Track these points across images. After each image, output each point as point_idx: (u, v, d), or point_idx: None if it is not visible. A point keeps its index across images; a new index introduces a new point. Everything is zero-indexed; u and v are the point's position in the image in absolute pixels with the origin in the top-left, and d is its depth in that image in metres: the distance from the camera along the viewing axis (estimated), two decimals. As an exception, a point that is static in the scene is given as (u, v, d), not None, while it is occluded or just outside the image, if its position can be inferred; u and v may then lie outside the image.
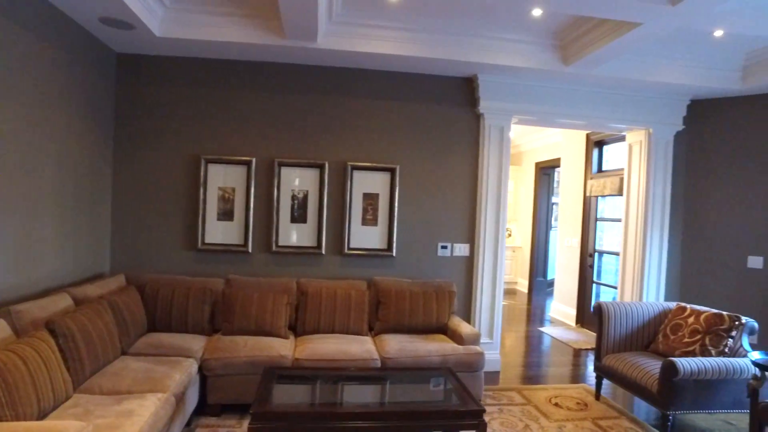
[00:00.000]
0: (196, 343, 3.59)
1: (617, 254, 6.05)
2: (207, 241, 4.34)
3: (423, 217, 4.66)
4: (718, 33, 3.90)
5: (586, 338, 5.99)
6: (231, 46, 4.01)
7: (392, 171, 4.57)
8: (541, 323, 6.80)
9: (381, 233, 4.60)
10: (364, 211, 4.57)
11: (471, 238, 4.76)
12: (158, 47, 4.09)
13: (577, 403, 3.99)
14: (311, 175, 4.47)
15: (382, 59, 4.22)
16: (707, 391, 3.36)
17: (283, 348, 3.60)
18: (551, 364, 5.02)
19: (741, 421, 3.79)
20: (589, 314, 6.41)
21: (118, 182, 4.26)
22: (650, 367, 3.56)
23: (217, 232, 4.35)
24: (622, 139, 5.93)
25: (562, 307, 7.00)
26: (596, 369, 4.09)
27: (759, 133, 4.72)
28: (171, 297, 3.83)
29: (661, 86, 4.64)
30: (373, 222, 4.59)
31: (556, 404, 3.95)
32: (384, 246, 4.60)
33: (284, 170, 4.43)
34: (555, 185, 9.08)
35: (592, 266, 6.39)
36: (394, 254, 4.58)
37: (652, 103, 4.93)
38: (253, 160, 4.34)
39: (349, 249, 4.52)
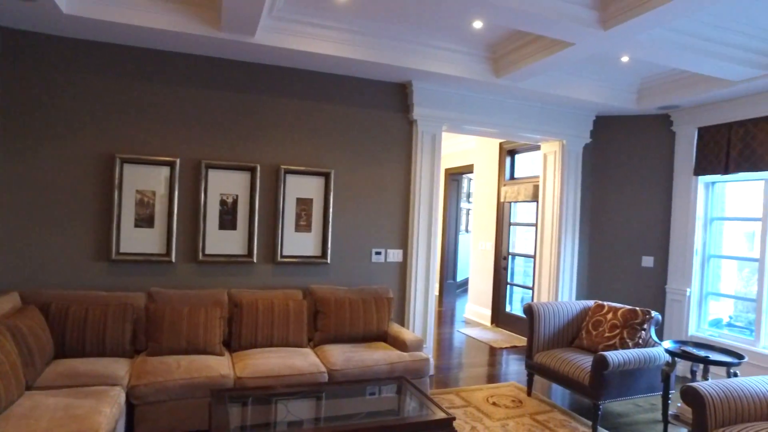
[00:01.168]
0: (119, 367, 3.15)
1: (530, 257, 6.48)
2: (123, 250, 3.84)
3: (357, 223, 4.58)
4: (625, 58, 4.34)
5: (504, 337, 6.32)
6: (157, 34, 3.60)
7: (326, 176, 4.43)
8: (456, 324, 7.04)
9: (315, 240, 4.43)
10: (298, 217, 4.37)
11: (404, 244, 4.78)
12: (65, 27, 3.54)
13: (513, 401, 4.16)
14: (242, 178, 4.18)
15: (320, 60, 4.08)
16: (628, 379, 3.69)
17: (222, 367, 3.30)
18: (478, 365, 5.20)
19: (646, 402, 4.22)
20: (505, 314, 6.77)
21: (2, 185, 3.61)
22: (581, 361, 3.83)
23: (135, 240, 3.88)
24: (533, 148, 6.38)
25: (477, 308, 7.31)
26: (528, 367, 4.31)
27: (649, 148, 5.34)
28: (84, 316, 3.33)
29: (574, 102, 5.05)
30: (307, 228, 4.41)
31: (494, 403, 4.09)
32: (318, 253, 4.44)
33: (212, 173, 4.08)
34: (462, 191, 9.50)
35: (506, 268, 6.76)
36: (328, 261, 4.43)
37: (566, 116, 5.35)
38: (177, 161, 3.94)
39: (282, 257, 4.29)
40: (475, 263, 7.41)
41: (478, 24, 3.88)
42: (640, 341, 3.93)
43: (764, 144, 4.41)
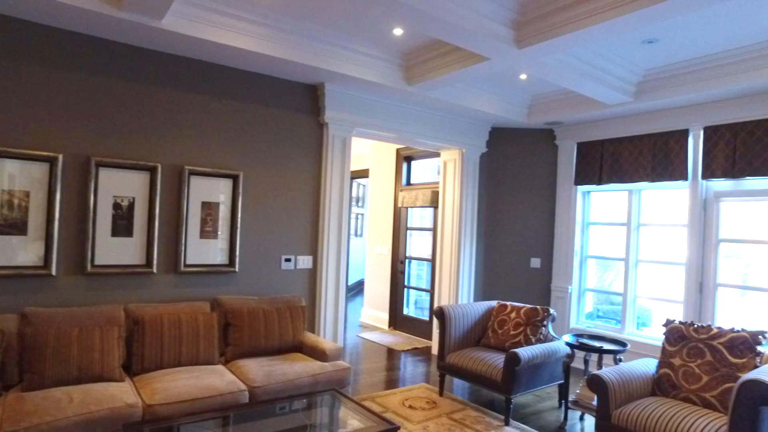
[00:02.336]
0: (-13, 409, 2.58)
1: (426, 260, 6.71)
2: (-14, 263, 3.16)
3: (267, 229, 4.34)
4: (523, 76, 4.73)
5: (404, 340, 6.45)
6: (42, 5, 3.03)
7: (235, 178, 4.13)
8: (353, 329, 7.03)
9: (222, 247, 4.09)
10: (203, 222, 4.01)
11: (314, 250, 4.64)
12: None
13: (427, 402, 4.26)
14: (140, 179, 3.70)
15: (233, 54, 3.79)
16: (535, 372, 4.00)
17: (126, 395, 2.87)
18: (385, 369, 5.24)
19: (543, 392, 4.61)
20: (402, 317, 6.92)
21: None
22: (492, 359, 4.05)
23: (1, 250, 3.22)
24: (429, 155, 6.63)
25: (373, 312, 7.37)
26: (440, 368, 4.44)
27: (536, 159, 5.87)
28: (-62, 347, 2.67)
29: (474, 112, 5.35)
30: (214, 234, 4.05)
31: (411, 406, 4.14)
32: (226, 261, 4.11)
33: (104, 172, 3.55)
34: (352, 196, 9.54)
35: (403, 272, 6.92)
36: (237, 270, 4.13)
37: (466, 126, 5.65)
38: (60, 156, 3.36)
39: (186, 266, 3.89)
40: (372, 267, 7.47)
41: (398, 31, 3.92)
42: (542, 337, 4.28)
43: (628, 160, 5.09)
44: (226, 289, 4.10)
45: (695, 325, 3.38)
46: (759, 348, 3.14)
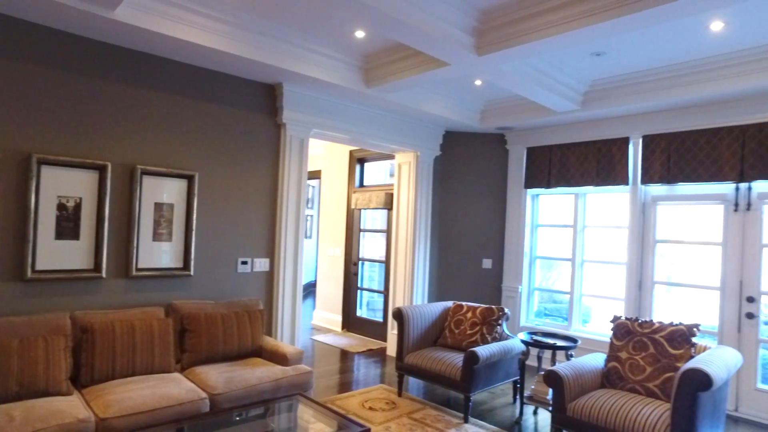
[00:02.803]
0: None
1: (380, 262, 6.74)
2: None
3: (223, 231, 4.21)
4: (478, 82, 4.87)
5: (358, 342, 6.44)
6: (-25, -11, 2.80)
7: (190, 178, 3.98)
8: (305, 332, 6.94)
9: (176, 250, 3.93)
10: (157, 224, 3.83)
11: (271, 252, 4.55)
12: None
13: (387, 403, 4.28)
14: (87, 178, 3.48)
15: (190, 50, 3.65)
16: (492, 370, 4.12)
17: (76, 409, 2.69)
18: (341, 371, 5.21)
19: (498, 390, 4.76)
20: (356, 319, 6.91)
21: None
22: (451, 359, 4.14)
23: (-70, 255, 2.93)
24: (382, 157, 6.67)
25: (326, 314, 7.31)
26: (398, 368, 4.47)
27: (488, 162, 6.05)
28: None
29: (429, 116, 5.45)
30: (167, 237, 3.88)
31: (371, 408, 4.15)
32: (180, 264, 3.95)
33: (47, 170, 3.31)
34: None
35: (356, 274, 6.92)
36: (192, 273, 3.98)
37: (420, 129, 5.73)
38: (-2, 153, 3.11)
39: (138, 270, 3.70)
40: (324, 269, 7.41)
41: (360, 33, 3.93)
42: (497, 335, 4.42)
43: (575, 165, 5.37)
44: (181, 294, 3.93)
45: (639, 321, 3.62)
46: (694, 339, 3.40)
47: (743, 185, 4.39)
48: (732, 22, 3.46)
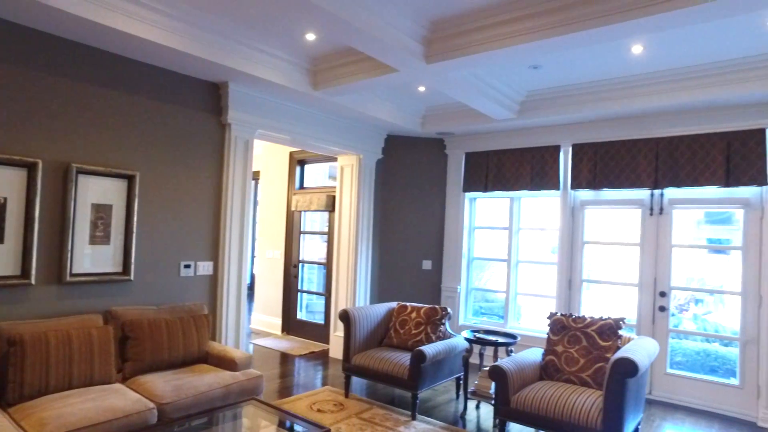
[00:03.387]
0: None
1: (321, 264, 6.73)
2: None
3: (166, 234, 4.04)
4: (422, 88, 5.03)
5: (299, 345, 6.39)
6: None
7: (130, 178, 3.79)
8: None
9: (116, 254, 3.72)
10: (94, 226, 3.61)
11: (215, 255, 4.43)
12: None
13: (334, 405, 4.30)
14: (15, 176, 3.22)
15: (130, 43, 3.48)
16: (437, 368, 4.27)
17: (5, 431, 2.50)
18: (284, 375, 5.16)
19: (441, 387, 4.92)
20: (296, 321, 6.84)
21: None
22: (398, 358, 4.24)
23: None
24: (322, 159, 6.68)
25: (265, 317, 7.18)
26: (345, 369, 4.51)
27: (428, 166, 6.24)
28: None
29: (372, 120, 5.53)
30: (105, 240, 3.67)
31: (319, 410, 4.16)
32: (119, 269, 3.74)
33: (-30, 167, 3.03)
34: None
35: (297, 276, 6.85)
36: (132, 278, 3.78)
37: (363, 132, 5.80)
38: None
39: (72, 275, 3.46)
40: (263, 272, 7.27)
41: (311, 36, 3.94)
42: (441, 334, 4.57)
43: (511, 170, 5.68)
44: (120, 300, 3.73)
45: (573, 316, 3.91)
46: (620, 332, 3.74)
47: (657, 192, 4.87)
48: (651, 47, 3.84)
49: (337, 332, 5.94)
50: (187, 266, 4.20)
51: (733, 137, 4.43)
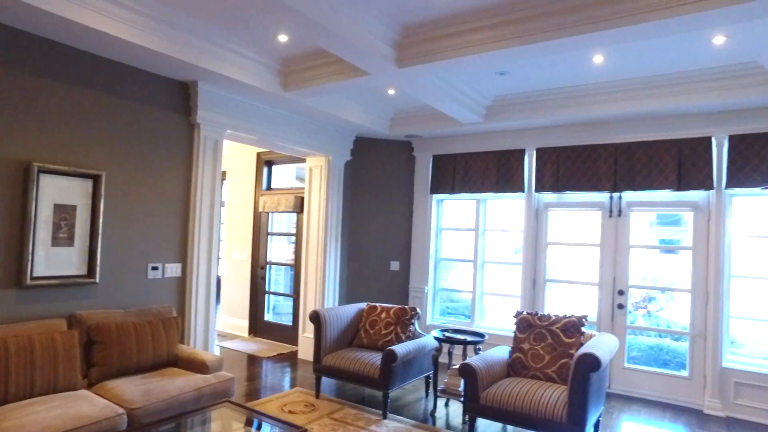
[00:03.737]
0: None
1: (289, 265, 6.70)
2: None
3: (133, 235, 3.95)
4: (391, 91, 5.09)
5: (267, 347, 6.33)
6: None
7: (96, 178, 3.68)
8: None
9: (80, 256, 3.61)
10: (56, 227, 3.49)
11: (183, 257, 4.35)
12: None
13: (306, 405, 4.31)
14: (-27, 175, 3.08)
15: (96, 38, 3.38)
16: (408, 367, 4.34)
17: (-28, 436, 2.40)
18: (254, 377, 5.11)
19: (410, 386, 5.00)
20: (264, 323, 6.77)
21: None
22: (369, 358, 4.28)
23: None
24: (290, 160, 6.65)
25: (231, 319, 7.07)
26: (316, 370, 4.51)
27: (396, 168, 6.32)
28: None
29: (342, 122, 5.56)
30: (69, 242, 3.56)
31: (291, 411, 4.15)
32: (84, 272, 3.63)
33: (-76, 166, 2.89)
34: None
35: (264, 278, 6.79)
36: (97, 281, 3.68)
37: (332, 134, 5.82)
38: None
39: (33, 278, 3.34)
40: (229, 274, 7.17)
41: (284, 38, 3.94)
42: (410, 334, 4.65)
43: (477, 173, 5.82)
44: (85, 303, 3.62)
45: (539, 315, 4.06)
46: (583, 329, 3.91)
47: (615, 195, 5.11)
48: (610, 57, 4.04)
49: (306, 333, 5.93)
50: (155, 268, 4.11)
51: (683, 144, 4.71)
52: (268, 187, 6.93)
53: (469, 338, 4.36)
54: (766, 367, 4.48)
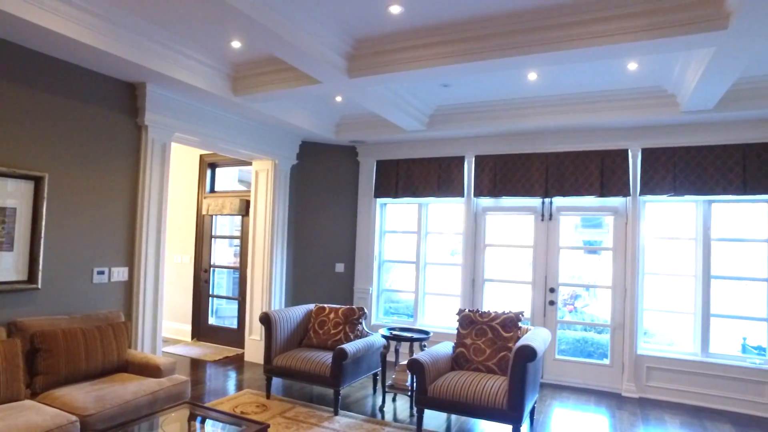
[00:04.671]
0: None
1: (233, 268, 6.66)
2: None
3: (78, 239, 3.84)
4: (339, 98, 5.26)
5: (212, 350, 6.26)
6: None
7: (38, 180, 3.56)
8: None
9: (20, 260, 3.48)
10: (-5, 231, 3.35)
11: (130, 261, 4.28)
12: None
13: (257, 406, 4.36)
14: None
15: (39, 36, 3.29)
16: (357, 365, 4.51)
17: None
18: (201, 381, 5.08)
19: (357, 383, 5.16)
20: (207, 327, 6.68)
21: None
22: (320, 357, 4.41)
23: None
24: (233, 163, 6.64)
25: (173, 324, 6.90)
26: (267, 371, 4.58)
27: (341, 172, 6.47)
28: None
29: (288, 126, 5.64)
30: (8, 246, 3.42)
31: (243, 412, 4.19)
32: (24, 277, 3.50)
33: None
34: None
35: (207, 281, 6.70)
36: (39, 286, 3.56)
37: (279, 138, 5.88)
38: None
39: (-30, 285, 3.20)
40: (171, 278, 6.99)
41: (236, 44, 3.99)
42: (359, 333, 4.82)
43: (419, 178, 6.10)
44: (26, 310, 3.49)
45: (479, 312, 4.37)
46: (520, 324, 4.26)
47: (547, 200, 5.56)
48: (543, 75, 4.44)
49: (252, 336, 5.94)
50: (101, 272, 4.02)
51: (605, 155, 5.22)
52: (212, 190, 6.85)
53: (415, 335, 4.60)
54: (671, 352, 5.08)
